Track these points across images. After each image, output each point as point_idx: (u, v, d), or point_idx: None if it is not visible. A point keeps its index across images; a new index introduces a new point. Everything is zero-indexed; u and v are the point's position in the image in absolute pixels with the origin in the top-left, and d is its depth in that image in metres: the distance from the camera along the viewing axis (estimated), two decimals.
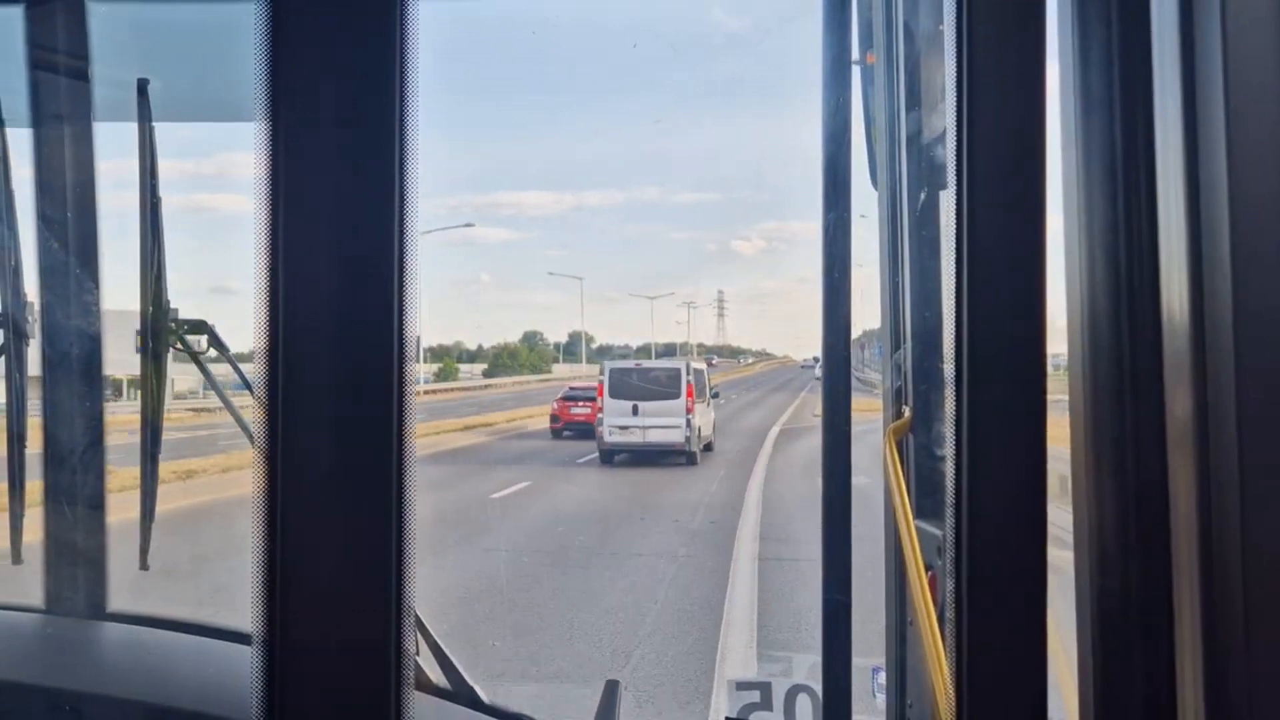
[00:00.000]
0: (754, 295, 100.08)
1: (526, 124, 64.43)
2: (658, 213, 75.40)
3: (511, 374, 46.80)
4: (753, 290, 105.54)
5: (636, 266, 79.52)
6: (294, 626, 1.09)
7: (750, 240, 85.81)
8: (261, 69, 1.10)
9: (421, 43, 1.13)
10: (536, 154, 68.50)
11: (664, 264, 77.89)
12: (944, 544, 1.72)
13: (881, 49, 2.15)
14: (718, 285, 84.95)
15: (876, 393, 2.30)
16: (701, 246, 78.94)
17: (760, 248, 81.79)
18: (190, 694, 2.15)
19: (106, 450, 2.63)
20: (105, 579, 2.60)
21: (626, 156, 78.53)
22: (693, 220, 72.41)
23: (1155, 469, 1.21)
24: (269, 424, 1.10)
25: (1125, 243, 1.25)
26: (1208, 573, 1.12)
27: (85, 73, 2.54)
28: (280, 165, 1.10)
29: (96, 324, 2.61)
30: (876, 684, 2.23)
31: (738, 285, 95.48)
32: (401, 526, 1.11)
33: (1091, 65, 1.28)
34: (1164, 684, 1.19)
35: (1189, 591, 1.15)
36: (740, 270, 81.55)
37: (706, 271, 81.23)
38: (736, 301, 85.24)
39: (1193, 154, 1.14)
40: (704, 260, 77.38)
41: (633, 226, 79.07)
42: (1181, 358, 1.16)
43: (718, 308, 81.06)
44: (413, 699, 1.13)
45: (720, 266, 79.21)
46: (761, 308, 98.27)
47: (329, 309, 1.10)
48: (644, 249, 76.52)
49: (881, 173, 2.20)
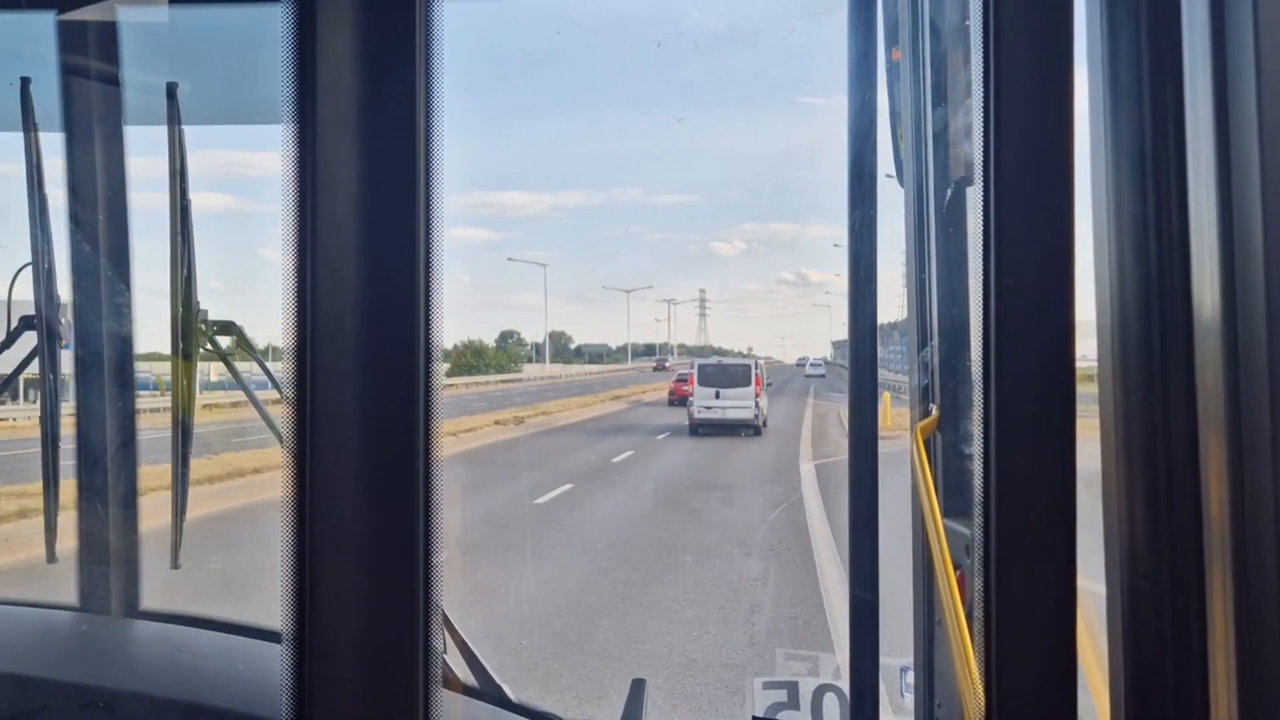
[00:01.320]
0: (736, 297, 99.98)
1: (503, 123, 64.12)
2: (637, 214, 75.25)
3: (478, 374, 45.03)
4: (734, 292, 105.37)
5: (616, 267, 79.30)
6: (323, 625, 1.10)
7: (731, 242, 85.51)
8: (288, 71, 1.11)
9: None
10: (513, 152, 68.06)
11: (643, 264, 77.64)
12: (972, 543, 1.70)
13: (907, 45, 2.14)
14: (699, 285, 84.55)
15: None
16: (682, 248, 78.90)
17: (741, 249, 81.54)
18: (221, 691, 2.17)
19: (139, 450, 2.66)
20: (138, 577, 2.63)
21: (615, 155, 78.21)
22: (675, 222, 72.34)
23: (1187, 466, 1.20)
24: (298, 424, 1.10)
25: (1155, 238, 1.24)
26: (1240, 571, 1.11)
27: (116, 77, 2.57)
28: (308, 166, 1.10)
29: (128, 325, 2.64)
30: (905, 684, 2.22)
31: (718, 286, 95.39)
32: (429, 525, 1.11)
33: (1120, 59, 1.26)
34: (1196, 683, 1.17)
35: (1221, 590, 1.14)
36: (720, 271, 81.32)
37: (688, 272, 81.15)
38: (718, 303, 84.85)
39: (1224, 148, 1.13)
40: (685, 261, 77.37)
41: (613, 227, 78.97)
42: (1213, 355, 1.15)
43: (699, 307, 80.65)
44: (441, 697, 1.14)
45: (701, 268, 79.08)
46: (743, 309, 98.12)
47: (357, 308, 1.11)
48: (624, 249, 76.44)
49: (907, 170, 2.19)
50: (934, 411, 2.08)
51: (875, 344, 2.13)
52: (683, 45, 58.52)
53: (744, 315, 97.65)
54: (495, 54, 42.04)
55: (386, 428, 1.11)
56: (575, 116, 70.46)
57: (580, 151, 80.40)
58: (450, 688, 2.19)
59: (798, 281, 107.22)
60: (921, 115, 2.10)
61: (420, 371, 1.11)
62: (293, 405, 1.11)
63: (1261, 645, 1.09)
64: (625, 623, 8.66)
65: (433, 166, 1.12)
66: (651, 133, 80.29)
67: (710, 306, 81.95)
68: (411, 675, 1.11)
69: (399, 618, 1.11)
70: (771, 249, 67.58)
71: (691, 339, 79.43)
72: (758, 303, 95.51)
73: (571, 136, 70.65)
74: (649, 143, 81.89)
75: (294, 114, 1.11)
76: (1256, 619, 1.09)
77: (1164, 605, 1.21)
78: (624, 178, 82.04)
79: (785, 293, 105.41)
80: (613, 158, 79.18)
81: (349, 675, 1.11)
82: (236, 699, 2.09)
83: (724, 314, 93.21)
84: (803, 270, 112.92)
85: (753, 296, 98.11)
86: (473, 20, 1.28)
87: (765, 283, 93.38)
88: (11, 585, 8.60)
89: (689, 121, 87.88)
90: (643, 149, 79.52)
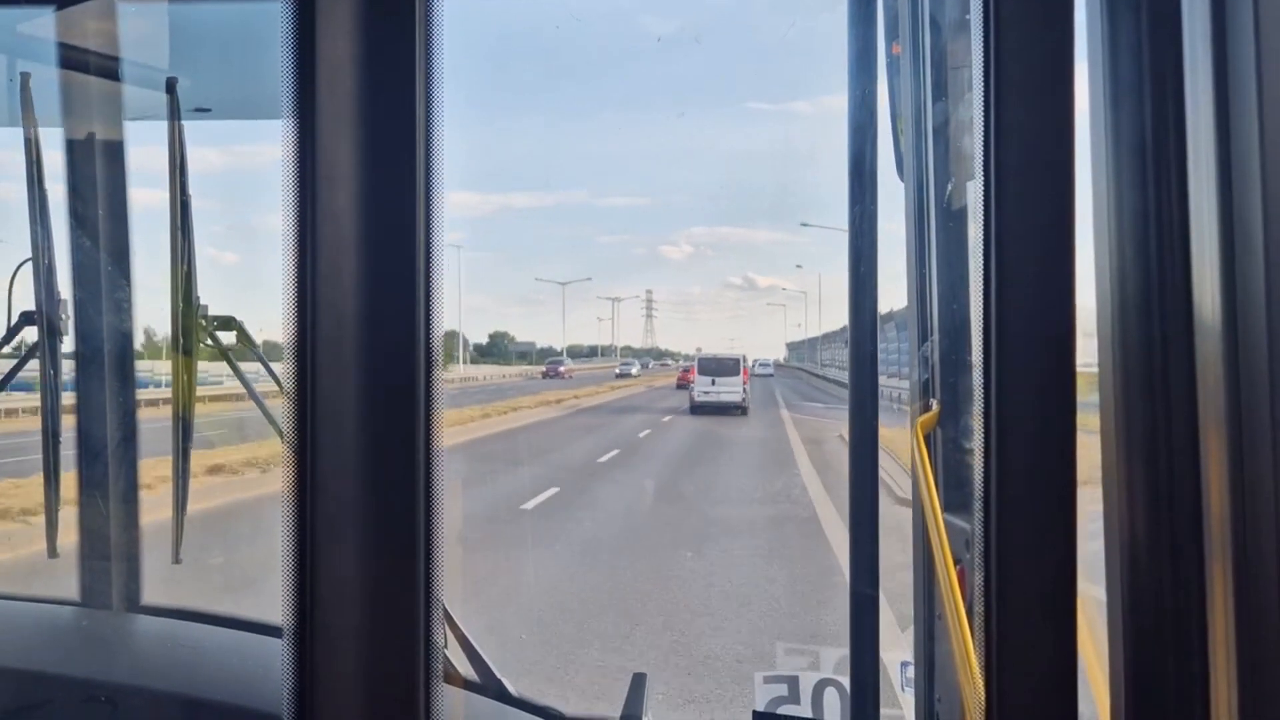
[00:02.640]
0: (681, 300, 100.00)
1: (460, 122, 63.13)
2: (587, 215, 75.04)
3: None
4: (680, 295, 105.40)
5: (564, 268, 78.92)
6: (324, 620, 1.10)
7: (678, 246, 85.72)
8: (288, 66, 1.11)
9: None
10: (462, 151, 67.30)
11: (591, 267, 77.43)
12: (972, 538, 1.71)
13: (907, 40, 2.14)
14: (645, 286, 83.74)
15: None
16: (629, 250, 78.81)
17: (688, 253, 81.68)
18: (222, 686, 2.18)
19: (139, 445, 2.67)
20: (139, 572, 2.64)
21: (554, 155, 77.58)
22: (625, 224, 72.21)
23: (1187, 464, 1.20)
24: (298, 418, 1.10)
25: (1156, 235, 1.24)
26: (1241, 568, 1.11)
27: (116, 72, 2.57)
28: (308, 160, 1.10)
29: (128, 321, 2.65)
30: (905, 678, 2.22)
31: (666, 289, 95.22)
32: (430, 519, 1.11)
33: (1121, 54, 1.26)
34: (1197, 680, 1.18)
35: (1222, 587, 1.14)
36: (669, 275, 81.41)
37: (638, 275, 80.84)
38: (665, 304, 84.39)
39: (1224, 145, 1.13)
40: (633, 264, 77.19)
41: (562, 229, 78.76)
42: (1214, 352, 1.15)
43: (646, 308, 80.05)
44: (442, 692, 1.14)
45: (651, 271, 78.96)
46: (689, 311, 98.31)
47: (357, 303, 1.11)
48: (572, 251, 76.19)
49: (908, 165, 2.19)
50: (934, 406, 2.08)
51: (876, 340, 2.13)
52: (641, 48, 58.38)
53: (691, 317, 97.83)
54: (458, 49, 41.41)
55: (387, 422, 1.11)
56: (526, 117, 70.14)
57: (531, 151, 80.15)
58: (451, 682, 2.19)
59: (745, 286, 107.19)
60: (922, 110, 2.10)
61: (421, 365, 1.11)
62: (293, 400, 1.11)
63: (1262, 643, 1.09)
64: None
65: (433, 160, 1.12)
66: (600, 135, 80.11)
67: (658, 308, 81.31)
68: (413, 669, 1.11)
69: (400, 612, 1.11)
70: (719, 252, 67.68)
71: (638, 340, 78.75)
72: (705, 305, 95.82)
73: (527, 137, 70.40)
74: (598, 144, 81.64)
75: (294, 109, 1.11)
76: (1257, 617, 1.09)
77: (1164, 602, 1.21)
78: (574, 179, 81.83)
79: (733, 296, 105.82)
80: (563, 161, 78.91)
81: (350, 670, 1.11)
82: (237, 693, 2.09)
83: (671, 316, 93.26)
84: (750, 275, 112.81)
85: (699, 299, 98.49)
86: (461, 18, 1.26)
87: (713, 285, 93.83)
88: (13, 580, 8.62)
89: (633, 127, 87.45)
90: (592, 150, 79.32)
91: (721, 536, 12.10)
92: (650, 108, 65.98)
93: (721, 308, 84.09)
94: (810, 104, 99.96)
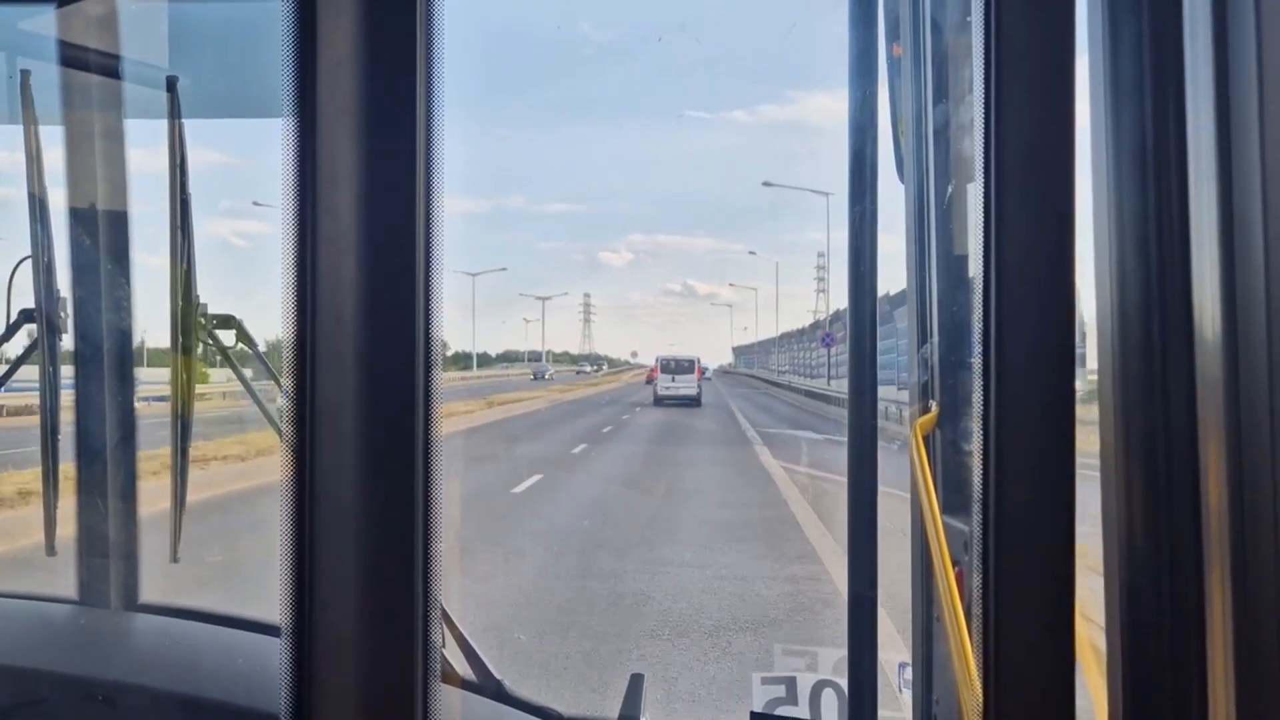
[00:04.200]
0: (622, 306, 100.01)
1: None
2: (526, 221, 74.55)
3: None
4: (620, 301, 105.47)
5: (502, 274, 78.06)
6: (322, 619, 1.10)
7: (618, 252, 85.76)
8: (289, 64, 1.11)
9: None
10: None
11: (531, 273, 76.89)
12: (971, 539, 1.71)
13: (908, 41, 2.14)
14: (586, 292, 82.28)
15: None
16: (569, 256, 78.31)
17: (628, 259, 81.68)
18: (220, 685, 2.17)
19: (138, 443, 2.66)
20: (137, 570, 2.64)
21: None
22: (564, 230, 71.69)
23: (1186, 465, 1.20)
24: (297, 417, 1.10)
25: (1156, 238, 1.24)
26: (1239, 569, 1.11)
27: (116, 70, 2.57)
28: (308, 159, 1.10)
29: (128, 318, 2.65)
30: (903, 680, 2.22)
31: (605, 296, 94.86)
32: (429, 519, 1.11)
33: (1122, 55, 1.26)
34: (1195, 680, 1.18)
35: (1220, 588, 1.14)
36: (609, 281, 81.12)
37: (580, 282, 79.88)
38: (605, 309, 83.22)
39: (1225, 147, 1.13)
40: (574, 270, 76.64)
41: (501, 235, 78.14)
42: (1213, 353, 1.15)
43: (584, 312, 79.06)
44: (440, 691, 1.14)
45: (591, 277, 78.37)
46: (630, 316, 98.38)
47: (357, 301, 1.10)
48: (511, 257, 75.49)
49: (908, 165, 2.19)
50: (933, 408, 2.08)
51: (875, 339, 2.13)
52: (580, 55, 58.20)
53: (632, 322, 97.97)
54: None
55: (386, 421, 1.11)
56: (462, 124, 70.13)
57: (471, 157, 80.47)
58: (449, 682, 2.19)
59: (684, 293, 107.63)
60: (922, 112, 2.10)
61: (420, 364, 1.11)
62: (292, 399, 1.11)
63: (1260, 646, 1.09)
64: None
65: (433, 156, 1.12)
66: (539, 142, 79.69)
67: (598, 313, 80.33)
68: (410, 669, 1.11)
69: (398, 611, 1.11)
70: (658, 259, 67.61)
71: (575, 345, 77.50)
72: (645, 309, 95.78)
73: (465, 143, 70.34)
74: (537, 149, 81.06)
75: (294, 107, 1.11)
76: (1255, 619, 1.09)
77: (1163, 604, 1.21)
78: (513, 186, 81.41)
79: (672, 302, 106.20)
80: (501, 166, 78.30)
81: (348, 669, 1.11)
82: (235, 692, 2.09)
83: (612, 320, 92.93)
84: (689, 282, 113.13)
85: (639, 304, 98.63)
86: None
87: (652, 292, 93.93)
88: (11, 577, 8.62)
89: (572, 134, 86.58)
90: (532, 155, 78.85)
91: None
92: (589, 115, 66.15)
93: (660, 312, 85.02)
94: (748, 113, 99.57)
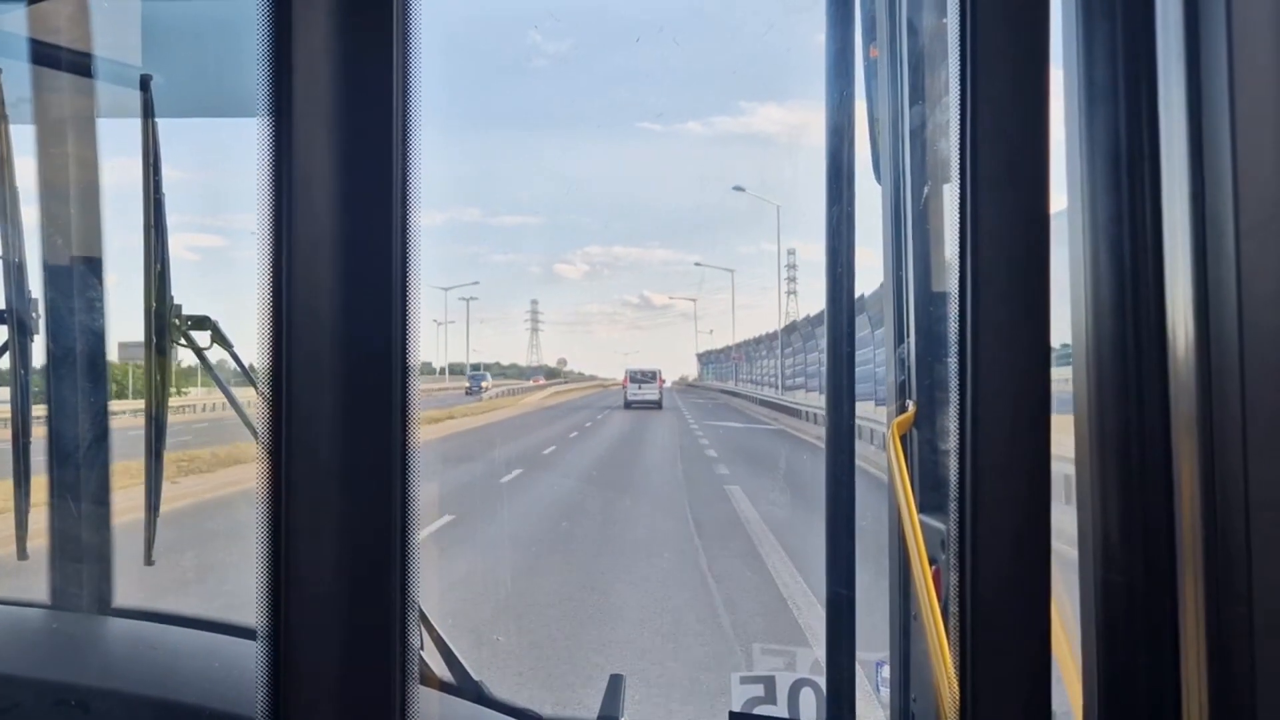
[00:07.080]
0: (578, 318, 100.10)
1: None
2: (481, 234, 74.21)
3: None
4: (576, 313, 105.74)
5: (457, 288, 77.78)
6: (299, 622, 1.10)
7: (574, 264, 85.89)
8: (264, 63, 1.10)
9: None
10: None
11: (486, 286, 76.70)
12: (948, 538, 1.72)
13: (885, 43, 2.15)
14: (544, 305, 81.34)
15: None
16: (525, 269, 77.87)
17: (584, 271, 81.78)
18: (196, 689, 2.15)
19: (112, 446, 2.64)
20: (110, 574, 2.61)
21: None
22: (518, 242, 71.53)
23: (1160, 463, 1.21)
24: (273, 419, 1.10)
25: (1130, 237, 1.25)
26: (1212, 567, 1.12)
27: (89, 68, 2.54)
28: (284, 159, 1.09)
29: (101, 320, 2.62)
30: (880, 678, 2.23)
31: (561, 307, 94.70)
32: (405, 521, 1.11)
33: (1096, 57, 1.27)
34: (1168, 678, 1.19)
35: (1193, 586, 1.15)
36: (566, 292, 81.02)
37: (537, 294, 79.05)
38: (558, 324, 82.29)
39: (1197, 147, 1.14)
40: (530, 282, 76.28)
41: (455, 247, 77.57)
42: (1186, 352, 1.16)
43: (531, 321, 77.85)
44: (418, 694, 1.13)
45: (547, 289, 78.16)
46: (586, 328, 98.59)
47: (333, 303, 1.10)
48: (467, 270, 74.67)
49: (885, 167, 2.20)
50: (910, 407, 2.09)
51: (853, 341, 2.14)
52: (532, 66, 57.89)
53: (590, 333, 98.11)
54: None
55: (362, 423, 1.10)
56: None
57: (424, 169, 79.84)
58: (427, 684, 2.18)
59: (641, 304, 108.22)
60: (899, 113, 2.11)
61: (396, 367, 1.11)
62: (268, 401, 1.10)
63: (1232, 640, 1.10)
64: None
65: (410, 156, 1.11)
66: (492, 153, 78.91)
67: (553, 325, 79.61)
68: (388, 672, 1.10)
69: (375, 614, 1.10)
70: (615, 271, 67.79)
71: (522, 357, 76.53)
72: (602, 321, 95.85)
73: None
74: (490, 162, 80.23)
75: (269, 107, 1.10)
76: (1227, 612, 1.11)
77: (1137, 600, 1.23)
78: (466, 197, 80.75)
79: (630, 314, 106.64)
80: (454, 178, 77.59)
81: (325, 672, 1.10)
82: (211, 696, 2.07)
83: (570, 332, 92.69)
84: (645, 293, 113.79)
85: (597, 316, 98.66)
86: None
87: (609, 303, 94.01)
88: None
89: (526, 145, 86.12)
90: (484, 168, 78.28)
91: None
92: (543, 126, 65.66)
93: (619, 323, 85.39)
94: (702, 124, 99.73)
